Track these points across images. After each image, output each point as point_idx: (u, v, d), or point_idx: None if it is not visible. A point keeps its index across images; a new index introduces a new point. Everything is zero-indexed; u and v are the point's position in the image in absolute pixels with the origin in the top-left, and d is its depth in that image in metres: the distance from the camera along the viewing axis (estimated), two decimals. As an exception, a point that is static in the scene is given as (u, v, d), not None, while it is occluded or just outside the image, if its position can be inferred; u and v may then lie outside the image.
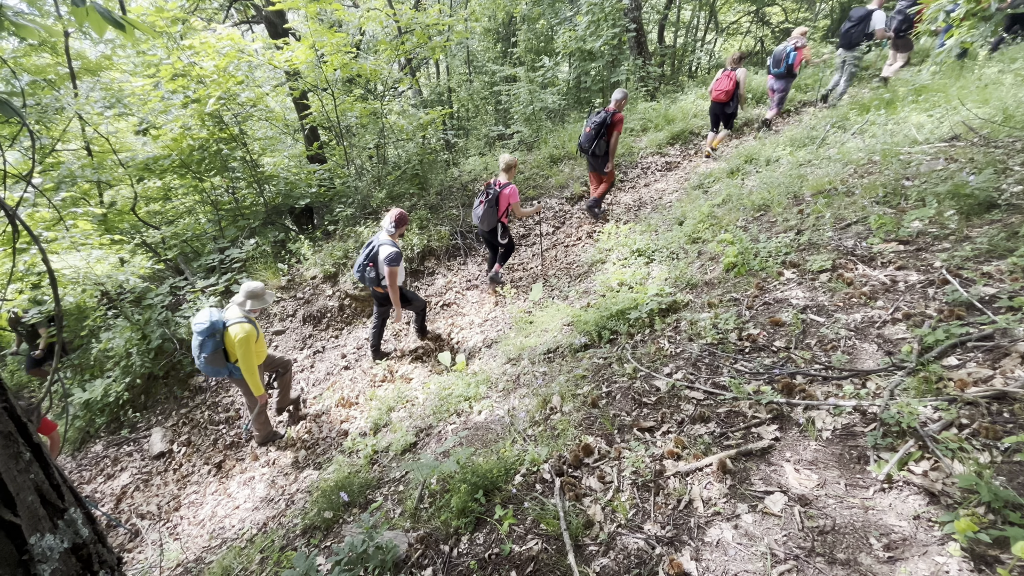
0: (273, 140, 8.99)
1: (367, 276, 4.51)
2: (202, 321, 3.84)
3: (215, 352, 3.90)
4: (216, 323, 3.86)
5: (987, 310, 2.41)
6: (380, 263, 4.38)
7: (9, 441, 0.95)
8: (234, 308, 3.96)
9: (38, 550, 0.93)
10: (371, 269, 4.46)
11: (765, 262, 3.57)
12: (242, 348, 3.79)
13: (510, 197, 5.05)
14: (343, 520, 2.91)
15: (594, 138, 5.74)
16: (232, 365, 3.99)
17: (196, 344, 3.91)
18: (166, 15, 6.13)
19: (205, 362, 3.93)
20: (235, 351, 3.84)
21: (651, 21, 14.15)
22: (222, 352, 3.95)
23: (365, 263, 4.49)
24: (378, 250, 4.41)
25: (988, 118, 4.42)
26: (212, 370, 3.99)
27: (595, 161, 5.96)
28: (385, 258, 4.30)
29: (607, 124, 5.68)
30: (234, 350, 3.85)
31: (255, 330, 3.93)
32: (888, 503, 1.78)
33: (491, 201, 5.06)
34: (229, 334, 3.85)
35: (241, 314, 3.92)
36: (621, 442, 2.48)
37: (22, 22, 1.74)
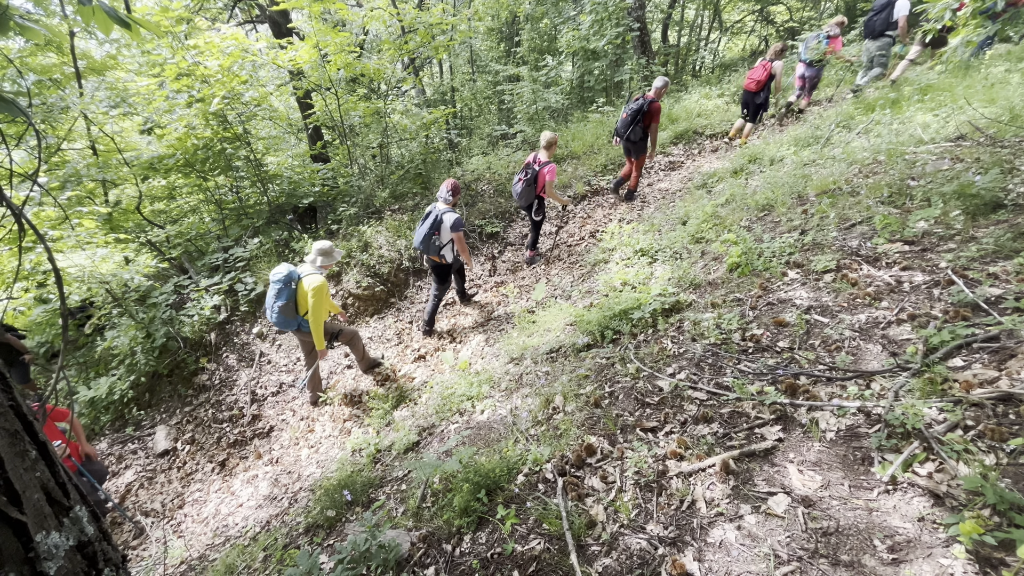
0: (277, 139, 9.01)
1: (432, 245, 4.68)
2: (280, 271, 4.10)
3: (288, 303, 4.12)
4: (292, 274, 4.11)
5: (993, 311, 2.39)
6: (445, 230, 4.60)
7: (15, 439, 0.95)
8: (307, 265, 4.20)
9: (44, 548, 0.93)
10: (436, 238, 4.65)
11: (769, 262, 3.55)
12: (315, 299, 4.02)
13: (548, 174, 5.24)
14: (346, 519, 2.91)
15: (630, 124, 5.89)
16: (301, 318, 4.23)
17: (272, 294, 4.13)
18: (171, 15, 6.15)
19: (278, 311, 4.14)
20: (306, 303, 4.08)
21: (655, 20, 14.10)
22: (293, 304, 4.17)
23: (430, 232, 4.64)
24: (442, 218, 4.59)
25: (995, 118, 4.39)
26: (282, 321, 4.20)
27: (631, 147, 6.11)
28: (451, 224, 4.55)
29: (644, 111, 5.83)
30: (305, 303, 4.08)
31: (327, 285, 4.14)
32: (892, 505, 1.77)
33: (530, 179, 5.29)
34: (303, 286, 4.09)
35: (313, 269, 4.16)
36: (624, 442, 2.48)
37: (27, 24, 1.74)
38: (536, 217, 5.62)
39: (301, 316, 4.22)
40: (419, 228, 4.74)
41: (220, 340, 5.87)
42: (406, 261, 6.43)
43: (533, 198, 5.43)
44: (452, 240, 4.66)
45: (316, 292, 4.00)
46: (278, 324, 4.25)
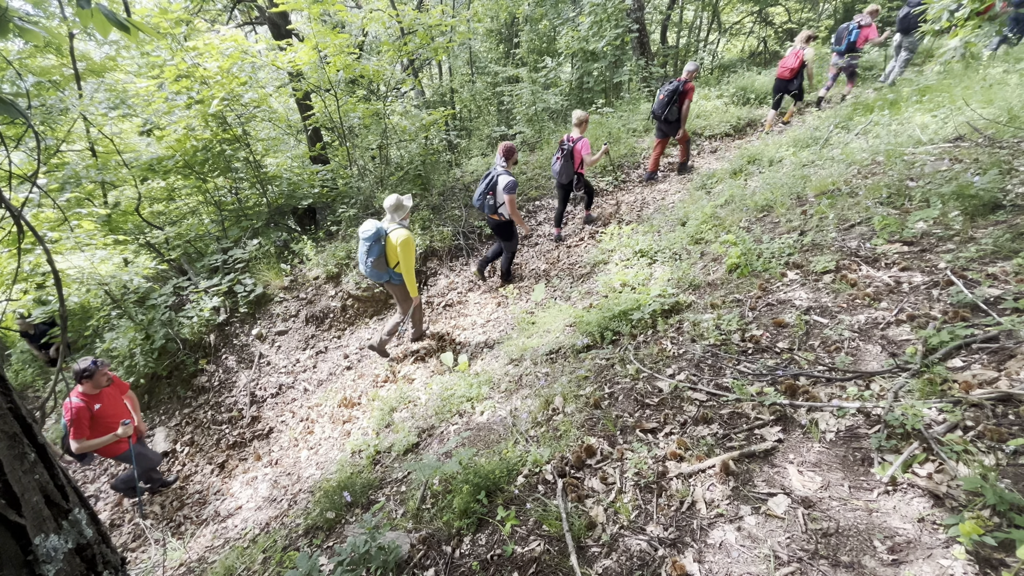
0: (276, 141, 9.01)
1: (487, 204, 5.04)
2: (368, 229, 4.35)
3: (380, 257, 4.41)
4: (381, 230, 4.36)
5: (992, 311, 2.39)
6: (499, 191, 4.90)
7: (14, 442, 0.95)
8: (388, 223, 4.45)
9: (43, 550, 0.93)
10: (491, 197, 4.98)
11: (768, 263, 3.56)
12: (404, 250, 4.32)
13: (582, 150, 5.53)
14: (345, 520, 2.91)
15: (667, 104, 6.22)
16: (392, 271, 4.53)
17: (363, 251, 4.40)
18: (170, 16, 6.16)
19: (372, 266, 4.43)
20: (395, 255, 4.37)
21: (654, 22, 14.13)
22: (384, 258, 4.45)
23: (485, 192, 5.00)
24: (497, 180, 4.92)
25: (993, 118, 4.40)
26: (376, 274, 4.51)
27: (667, 127, 6.45)
28: (504, 186, 4.84)
29: (679, 92, 6.14)
30: (395, 255, 4.37)
31: (412, 237, 4.44)
32: (892, 505, 1.77)
33: (567, 156, 5.59)
34: (391, 240, 4.36)
35: (396, 223, 4.40)
36: (623, 443, 2.48)
37: (26, 26, 1.74)
38: (578, 191, 5.92)
39: (392, 268, 4.53)
40: (478, 188, 5.13)
41: (219, 341, 5.86)
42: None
43: (572, 174, 5.72)
44: (504, 202, 4.94)
45: (403, 245, 4.32)
46: (372, 277, 4.58)
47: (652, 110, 6.50)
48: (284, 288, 6.23)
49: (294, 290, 6.23)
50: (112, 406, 3.87)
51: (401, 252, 4.32)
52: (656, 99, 6.40)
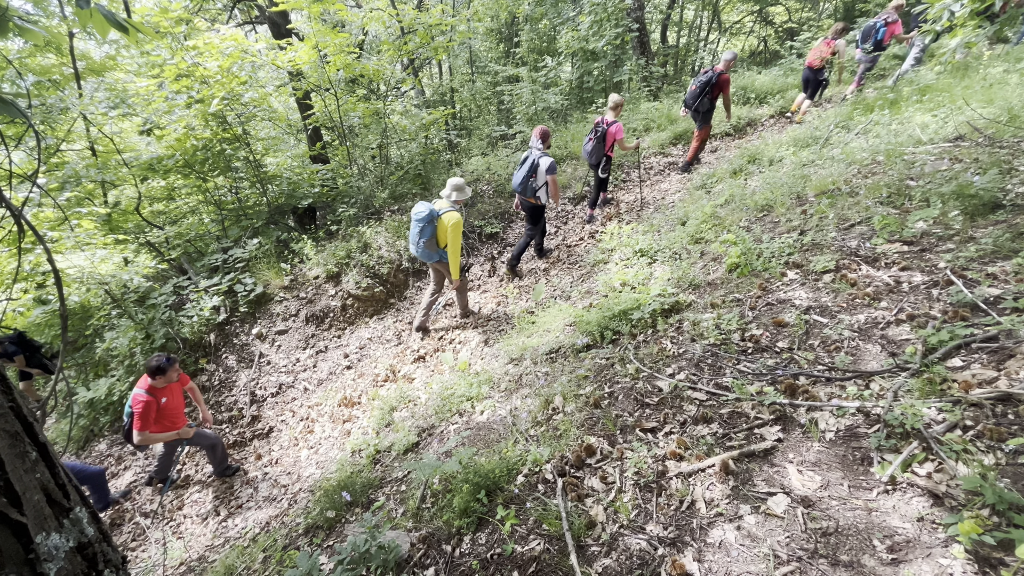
0: (276, 140, 9.01)
1: (529, 187, 5.17)
2: (421, 210, 4.50)
3: (431, 238, 4.58)
4: (433, 211, 4.51)
5: (992, 311, 2.40)
6: (541, 173, 5.04)
7: (16, 441, 0.95)
8: (443, 201, 4.62)
9: (44, 549, 0.93)
10: (534, 180, 5.12)
11: (768, 263, 3.56)
12: (453, 232, 4.47)
13: (616, 133, 5.63)
14: (346, 519, 2.91)
15: (698, 96, 6.18)
16: (442, 251, 4.70)
17: (415, 232, 4.57)
18: (170, 16, 6.15)
19: (424, 247, 4.62)
20: (445, 237, 4.53)
21: (654, 21, 14.12)
22: (435, 239, 4.60)
23: (528, 175, 5.12)
24: (538, 162, 5.04)
25: (993, 118, 4.40)
26: (426, 254, 4.69)
27: (698, 117, 6.45)
28: (547, 168, 5.01)
29: (712, 83, 6.11)
30: (445, 236, 4.53)
31: (462, 220, 4.60)
32: (892, 505, 1.78)
33: (599, 137, 5.68)
34: (443, 221, 4.51)
35: (449, 205, 4.56)
36: (623, 443, 2.48)
37: (26, 25, 1.74)
38: (602, 175, 6.00)
39: (441, 249, 4.69)
40: (517, 173, 5.26)
41: (219, 341, 5.86)
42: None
43: (602, 155, 5.81)
44: (546, 182, 5.09)
45: (453, 227, 4.46)
46: (422, 257, 4.74)
47: (684, 100, 6.54)
48: (284, 287, 6.23)
49: (294, 289, 6.23)
50: (176, 399, 3.99)
51: (450, 234, 4.47)
52: (688, 90, 6.41)
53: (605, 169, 5.94)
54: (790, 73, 9.57)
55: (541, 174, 5.05)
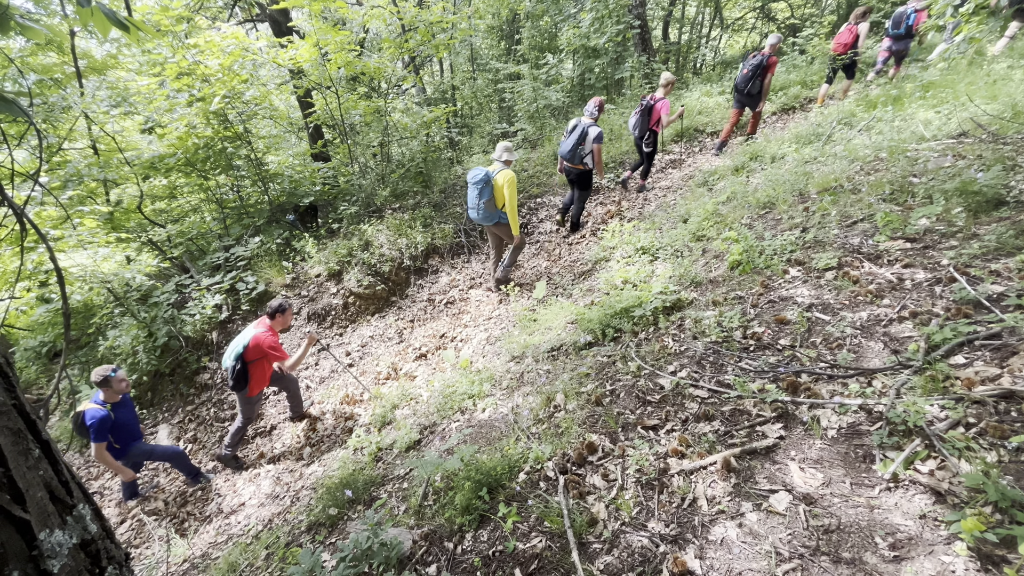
0: (277, 138, 9.01)
1: (577, 154, 5.45)
2: (477, 173, 4.83)
3: (490, 199, 4.87)
4: (488, 173, 4.83)
5: (995, 308, 2.39)
6: (589, 141, 5.34)
7: (18, 438, 0.96)
8: (495, 163, 4.90)
9: (47, 546, 0.94)
10: (582, 148, 5.41)
11: (770, 260, 3.55)
12: (509, 189, 4.73)
13: (661, 109, 5.88)
14: (348, 517, 2.92)
15: (750, 78, 6.37)
16: (500, 212, 4.97)
17: (474, 195, 4.88)
18: (171, 14, 6.14)
19: (484, 208, 4.90)
20: (502, 196, 4.80)
21: (655, 18, 14.05)
22: (493, 200, 4.89)
23: (577, 142, 5.40)
24: (587, 131, 5.33)
25: (997, 114, 4.38)
26: (487, 216, 4.97)
27: (748, 100, 6.61)
28: (594, 137, 5.31)
29: (763, 66, 6.26)
30: (502, 196, 4.80)
31: (515, 177, 4.85)
32: (894, 502, 1.77)
33: (645, 111, 5.99)
34: (497, 181, 4.80)
35: (501, 165, 4.85)
36: (625, 440, 2.48)
37: (28, 23, 1.74)
38: (647, 148, 6.24)
39: (500, 210, 4.95)
40: (564, 141, 5.55)
41: (222, 339, 5.88)
42: (407, 260, 6.44)
43: (646, 129, 6.07)
44: (592, 151, 5.39)
45: (509, 183, 4.74)
46: (481, 220, 5.03)
47: (735, 83, 6.68)
48: (286, 286, 6.24)
49: (296, 287, 6.24)
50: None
51: (506, 189, 4.74)
52: (740, 72, 6.56)
53: (650, 143, 6.19)
54: (792, 70, 9.52)
55: (589, 142, 5.34)
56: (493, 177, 4.83)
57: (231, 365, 4.01)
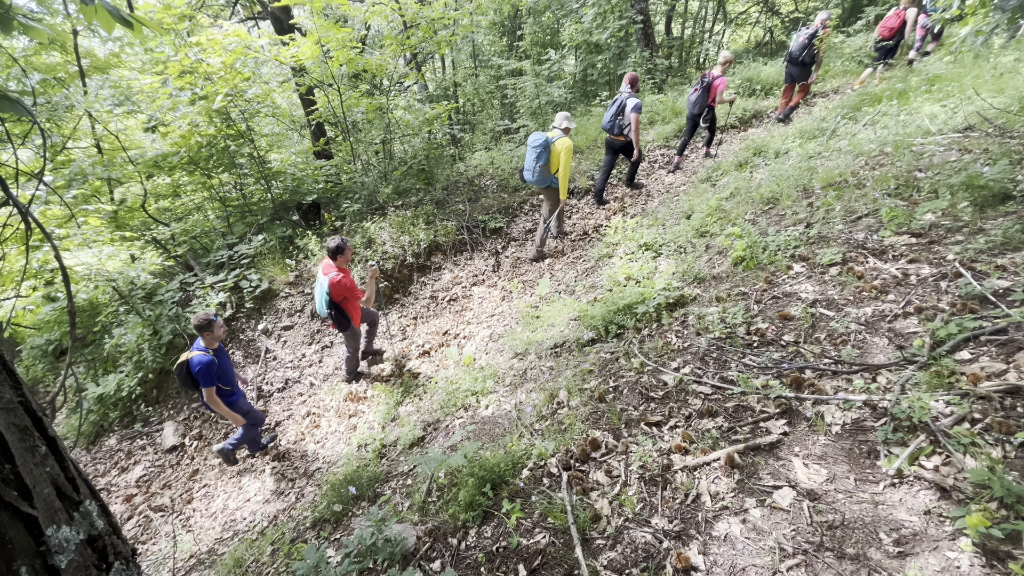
0: (280, 136, 9.01)
1: (616, 124, 5.83)
2: (537, 138, 5.19)
3: (546, 163, 5.24)
4: (548, 139, 5.19)
5: (1001, 303, 2.37)
6: (627, 112, 5.65)
7: (25, 435, 0.96)
8: (555, 131, 5.26)
9: (55, 541, 0.94)
10: (621, 118, 5.77)
11: (774, 256, 3.53)
12: (565, 156, 5.11)
13: (719, 86, 6.19)
14: (352, 513, 2.94)
15: (805, 47, 6.59)
16: (553, 176, 5.35)
17: (532, 158, 5.24)
18: (173, 12, 6.14)
19: (539, 171, 5.27)
20: (557, 161, 5.18)
21: (658, 12, 13.97)
22: (548, 164, 5.25)
23: (616, 114, 5.79)
24: (625, 102, 5.69)
25: (1003, 108, 4.34)
26: (540, 179, 5.34)
27: (800, 71, 6.85)
28: (632, 107, 5.64)
29: (818, 36, 6.49)
30: (557, 161, 5.18)
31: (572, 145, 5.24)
32: (898, 498, 1.77)
33: (705, 88, 6.23)
34: (555, 146, 5.17)
35: (560, 133, 5.20)
36: (628, 436, 2.48)
37: (30, 23, 1.75)
38: (705, 124, 6.52)
39: (553, 175, 5.32)
40: (606, 113, 5.91)
41: (226, 337, 5.90)
42: (410, 257, 6.44)
43: (704, 106, 6.33)
44: (631, 121, 5.69)
45: (566, 150, 5.10)
46: (536, 182, 5.41)
47: (788, 52, 6.87)
48: (289, 283, 6.25)
49: (299, 285, 6.26)
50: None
51: (563, 156, 5.09)
52: (795, 41, 6.75)
53: (707, 119, 6.46)
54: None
55: (627, 113, 5.66)
56: (552, 143, 5.16)
57: (328, 312, 4.27)
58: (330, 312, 4.23)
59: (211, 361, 3.74)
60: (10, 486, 0.89)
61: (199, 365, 3.70)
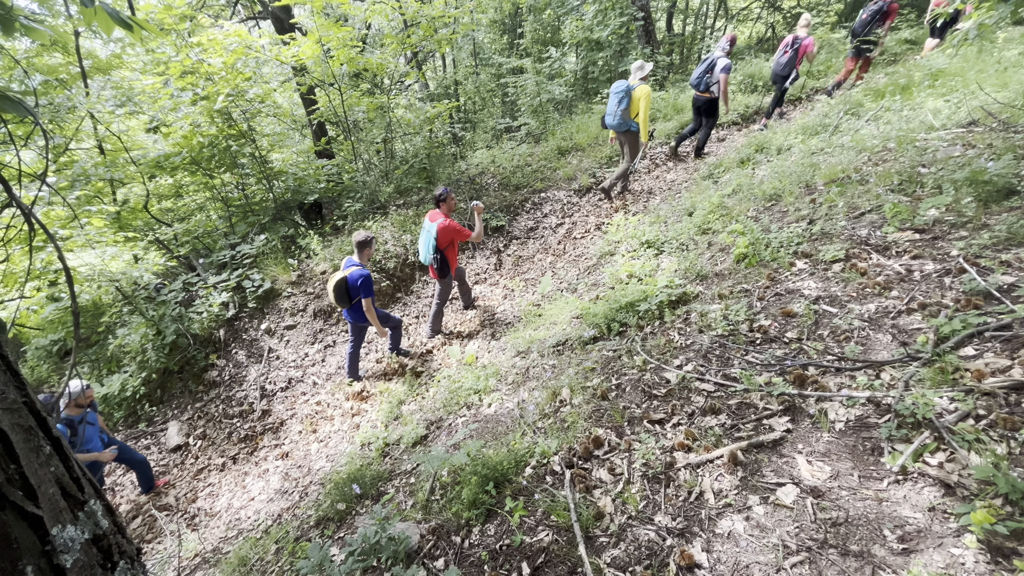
0: (281, 136, 9.02)
1: (704, 81, 6.07)
2: (619, 84, 5.62)
3: (627, 108, 5.64)
4: (629, 86, 5.62)
5: (1005, 299, 2.36)
6: (717, 71, 5.93)
7: (30, 435, 0.97)
8: (635, 79, 5.64)
9: (60, 541, 0.95)
10: (709, 76, 6.02)
11: (776, 252, 3.52)
12: (645, 101, 5.54)
13: (809, 47, 6.43)
14: (356, 512, 2.94)
15: (868, 23, 6.68)
16: (632, 121, 5.74)
17: (614, 103, 5.67)
18: (174, 12, 6.15)
19: (620, 116, 5.68)
20: (637, 106, 5.58)
21: (659, 9, 13.91)
22: (629, 109, 5.65)
23: (705, 71, 6.03)
24: (715, 62, 5.94)
25: (1008, 102, 4.31)
26: (621, 123, 5.76)
27: (862, 46, 6.81)
28: (722, 68, 5.89)
29: (883, 11, 6.57)
30: (637, 106, 5.59)
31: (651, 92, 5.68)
32: (902, 495, 1.76)
33: (795, 50, 6.51)
34: (636, 93, 5.59)
35: (639, 82, 5.61)
36: (631, 434, 2.48)
37: (32, 24, 1.75)
38: (788, 85, 6.83)
39: (632, 119, 5.73)
40: (696, 70, 6.15)
41: (229, 336, 5.92)
42: (412, 256, 6.44)
43: (793, 67, 6.59)
44: (719, 80, 5.95)
45: (645, 97, 5.54)
46: (616, 127, 5.83)
47: (853, 28, 6.93)
48: (292, 283, 6.27)
49: (302, 285, 6.27)
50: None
51: (643, 102, 5.52)
52: (859, 18, 6.82)
53: (794, 80, 6.73)
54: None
55: (716, 72, 5.90)
56: (633, 89, 5.57)
57: (432, 258, 4.58)
58: (435, 257, 4.56)
59: (369, 275, 4.25)
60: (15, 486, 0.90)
61: (360, 278, 4.21)
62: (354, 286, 4.24)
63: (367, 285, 4.23)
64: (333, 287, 4.27)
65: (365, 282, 4.21)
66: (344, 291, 4.27)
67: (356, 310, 4.46)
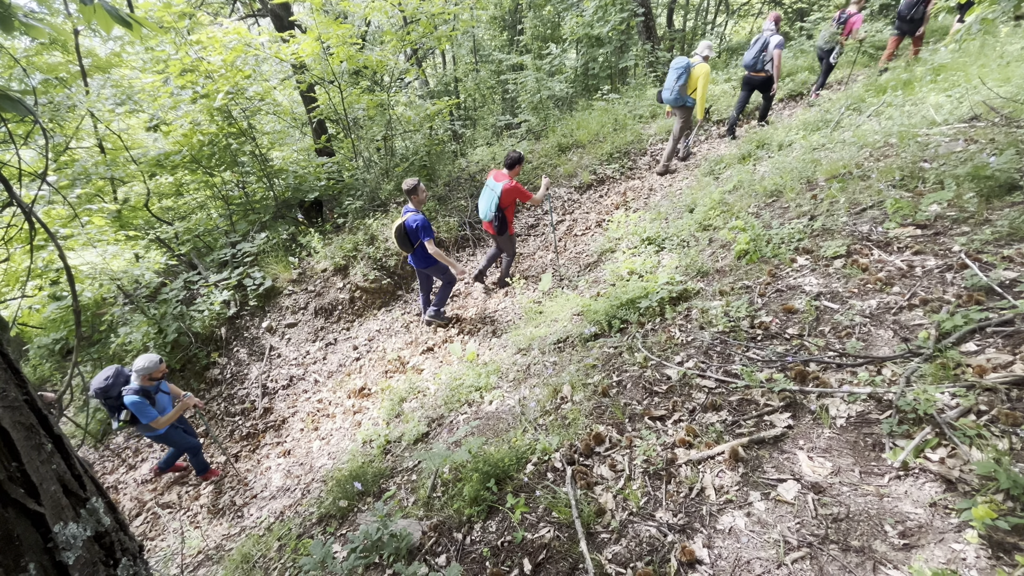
0: (281, 134, 9.02)
1: (760, 60, 6.22)
2: (680, 61, 5.81)
3: (685, 84, 5.84)
4: (689, 63, 5.81)
5: (1007, 294, 2.35)
6: (771, 48, 6.08)
7: (31, 433, 0.97)
8: (696, 57, 5.86)
9: (62, 538, 0.95)
10: (764, 54, 6.16)
11: (778, 249, 3.51)
12: (703, 79, 5.75)
13: (856, 22, 6.72)
14: (358, 509, 2.95)
15: (915, 4, 6.74)
16: (688, 97, 5.95)
17: (672, 79, 5.87)
18: (173, 10, 6.14)
19: (677, 91, 5.89)
20: (695, 83, 5.82)
21: (660, 4, 13.87)
22: (686, 85, 5.85)
23: (760, 51, 6.19)
24: (769, 40, 6.10)
25: (1010, 97, 4.29)
26: (677, 98, 5.96)
27: (909, 26, 7.01)
28: (776, 44, 6.05)
29: None
30: (694, 83, 5.83)
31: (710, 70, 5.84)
32: (904, 490, 1.76)
33: (841, 24, 6.78)
34: (695, 70, 5.78)
35: (700, 60, 5.82)
36: (632, 431, 2.48)
37: (31, 23, 1.75)
38: (832, 61, 7.05)
39: (688, 95, 5.92)
40: (748, 52, 6.32)
41: (230, 335, 5.93)
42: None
43: (835, 43, 6.84)
44: (772, 57, 6.10)
45: (704, 75, 5.75)
46: (672, 102, 6.03)
47: (898, 11, 7.04)
48: (293, 281, 6.27)
49: (303, 283, 6.27)
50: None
51: (701, 79, 5.73)
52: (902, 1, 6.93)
53: (836, 56, 6.90)
54: (800, 55, 9.36)
55: (771, 49, 6.07)
56: (692, 67, 5.75)
57: (493, 215, 4.82)
58: (496, 215, 4.80)
59: (426, 218, 4.44)
60: (17, 483, 0.90)
61: (416, 221, 4.42)
62: (412, 229, 4.44)
63: (426, 227, 4.42)
64: (395, 234, 4.52)
65: (422, 224, 4.40)
66: (404, 235, 4.49)
67: (420, 254, 4.66)
